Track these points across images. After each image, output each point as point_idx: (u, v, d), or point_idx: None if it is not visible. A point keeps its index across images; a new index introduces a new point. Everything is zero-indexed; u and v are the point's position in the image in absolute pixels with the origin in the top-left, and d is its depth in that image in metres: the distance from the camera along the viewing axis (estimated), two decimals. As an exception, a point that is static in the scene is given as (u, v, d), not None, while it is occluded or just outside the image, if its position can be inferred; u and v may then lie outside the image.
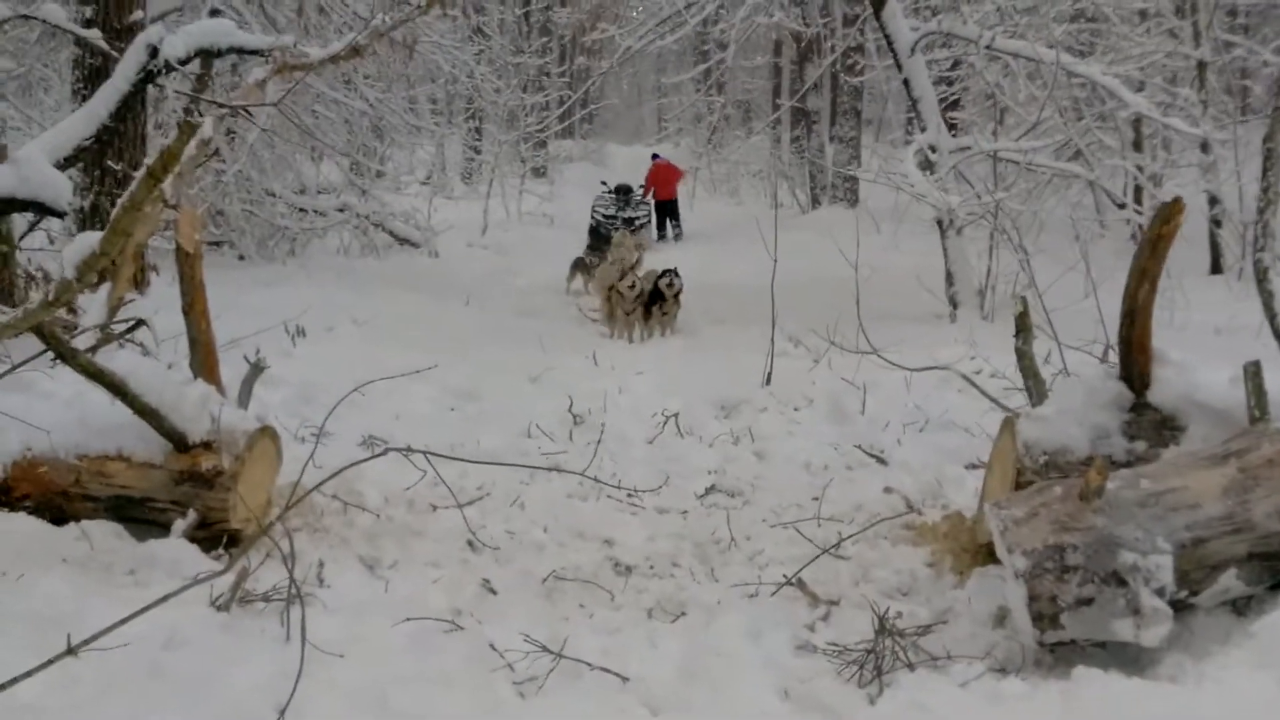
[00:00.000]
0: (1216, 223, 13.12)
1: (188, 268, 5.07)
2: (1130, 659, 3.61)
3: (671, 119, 33.03)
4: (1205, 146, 11.98)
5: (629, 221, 18.43)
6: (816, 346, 8.71)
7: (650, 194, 19.95)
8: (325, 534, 5.14)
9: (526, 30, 24.07)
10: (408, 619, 4.02)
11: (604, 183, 19.68)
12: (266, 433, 5.13)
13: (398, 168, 22.73)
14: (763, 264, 16.56)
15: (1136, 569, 3.44)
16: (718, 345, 9.92)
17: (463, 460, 5.33)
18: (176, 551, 4.59)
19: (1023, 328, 5.05)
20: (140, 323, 5.67)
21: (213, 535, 4.82)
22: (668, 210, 20.27)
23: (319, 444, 6.64)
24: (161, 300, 9.40)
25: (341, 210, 15.98)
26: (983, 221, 10.49)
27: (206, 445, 4.87)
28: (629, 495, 5.85)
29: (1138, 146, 14.03)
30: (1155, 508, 3.54)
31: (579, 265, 14.74)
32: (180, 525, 4.73)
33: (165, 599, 3.71)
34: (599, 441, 6.82)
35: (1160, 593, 3.44)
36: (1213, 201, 12.82)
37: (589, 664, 3.77)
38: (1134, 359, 4.10)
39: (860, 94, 19.34)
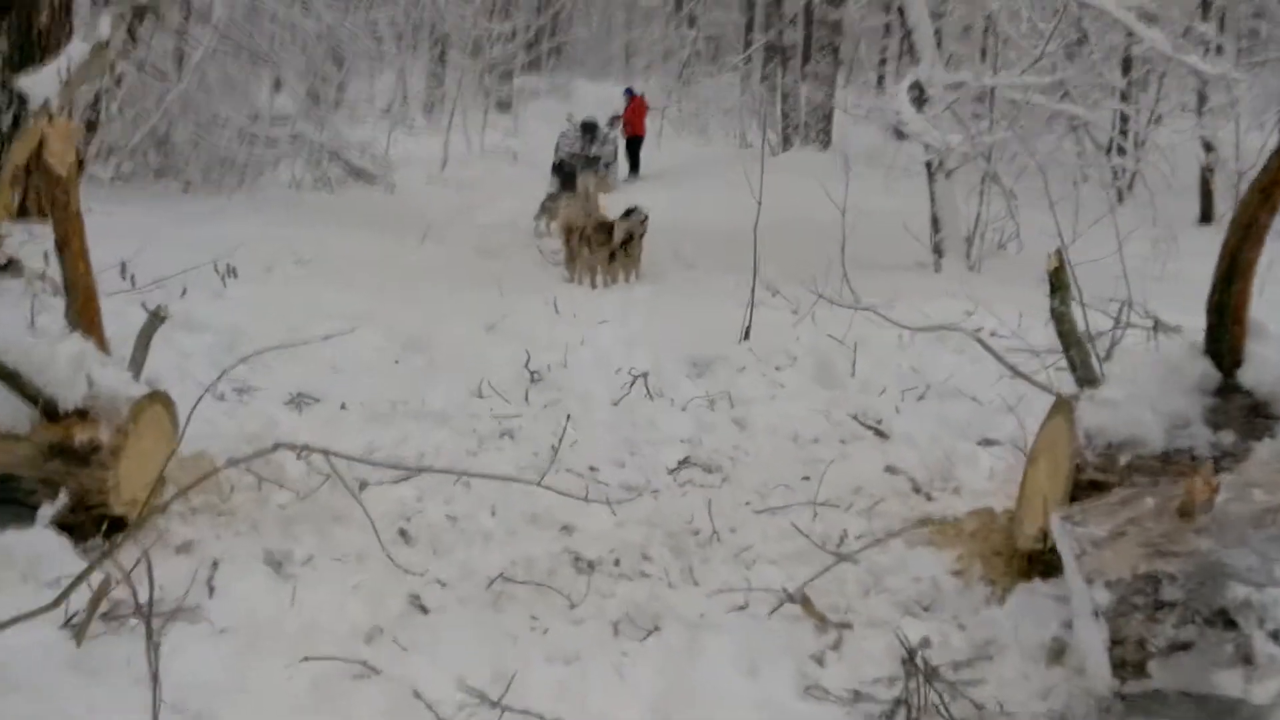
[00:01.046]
0: (1209, 170, 12.30)
1: (60, 193, 4.08)
2: (1225, 712, 2.79)
3: (641, 54, 31.74)
4: (1202, 94, 11.12)
5: (594, 160, 17.35)
6: (797, 297, 7.83)
7: (621, 129, 18.88)
8: (231, 519, 4.20)
9: None
10: (306, 659, 3.10)
11: (569, 116, 18.55)
12: (157, 399, 4.17)
13: (356, 96, 21.56)
14: (732, 206, 15.59)
15: (1249, 606, 2.61)
16: (688, 293, 9.01)
17: (373, 464, 4.37)
18: (39, 544, 3.66)
19: (1059, 285, 4.18)
20: (10, 263, 4.64)
21: (91, 520, 3.90)
22: (637, 146, 19.20)
23: (240, 401, 5.77)
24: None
25: (295, 139, 14.81)
26: (973, 164, 9.60)
27: (82, 414, 3.92)
28: (591, 470, 4.97)
29: (1126, 90, 13.20)
30: (1274, 527, 2.70)
31: (547, 205, 13.74)
32: (47, 510, 3.80)
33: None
34: (557, 403, 5.97)
35: (1277, 637, 2.61)
36: (1208, 148, 12.00)
37: (540, 718, 2.89)
38: (1227, 331, 3.24)
39: (839, 29, 18.30)
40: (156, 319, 4.65)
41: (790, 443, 5.28)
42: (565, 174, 16.76)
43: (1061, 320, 4.07)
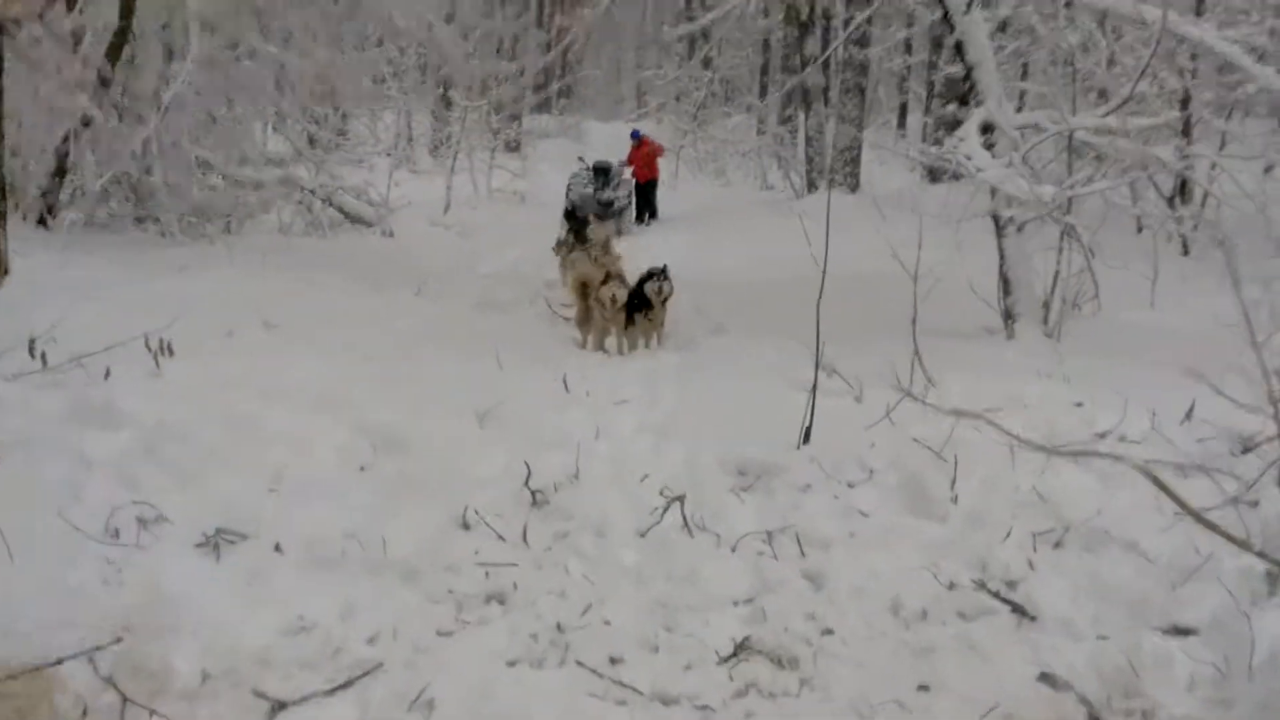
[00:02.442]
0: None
1: None
2: None
3: (654, 93, 30.32)
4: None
5: (608, 204, 15.87)
6: (858, 378, 6.27)
7: (631, 173, 17.38)
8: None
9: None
10: None
11: (581, 158, 17.08)
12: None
13: (358, 138, 20.14)
14: (757, 254, 14.11)
15: None
16: (721, 364, 7.42)
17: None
18: None
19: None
20: None
21: None
22: (649, 191, 17.70)
23: (137, 546, 4.20)
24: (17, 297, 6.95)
25: (284, 182, 13.30)
26: (1049, 218, 8.05)
27: None
28: (612, 663, 3.40)
29: (1185, 131, 11.68)
30: None
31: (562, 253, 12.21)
32: None
33: None
34: (565, 537, 4.41)
35: None
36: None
37: None
38: None
39: (865, 70, 16.80)
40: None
41: (889, 617, 3.69)
42: (578, 220, 15.27)
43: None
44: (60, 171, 11.09)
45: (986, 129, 8.03)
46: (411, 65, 18.66)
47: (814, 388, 5.42)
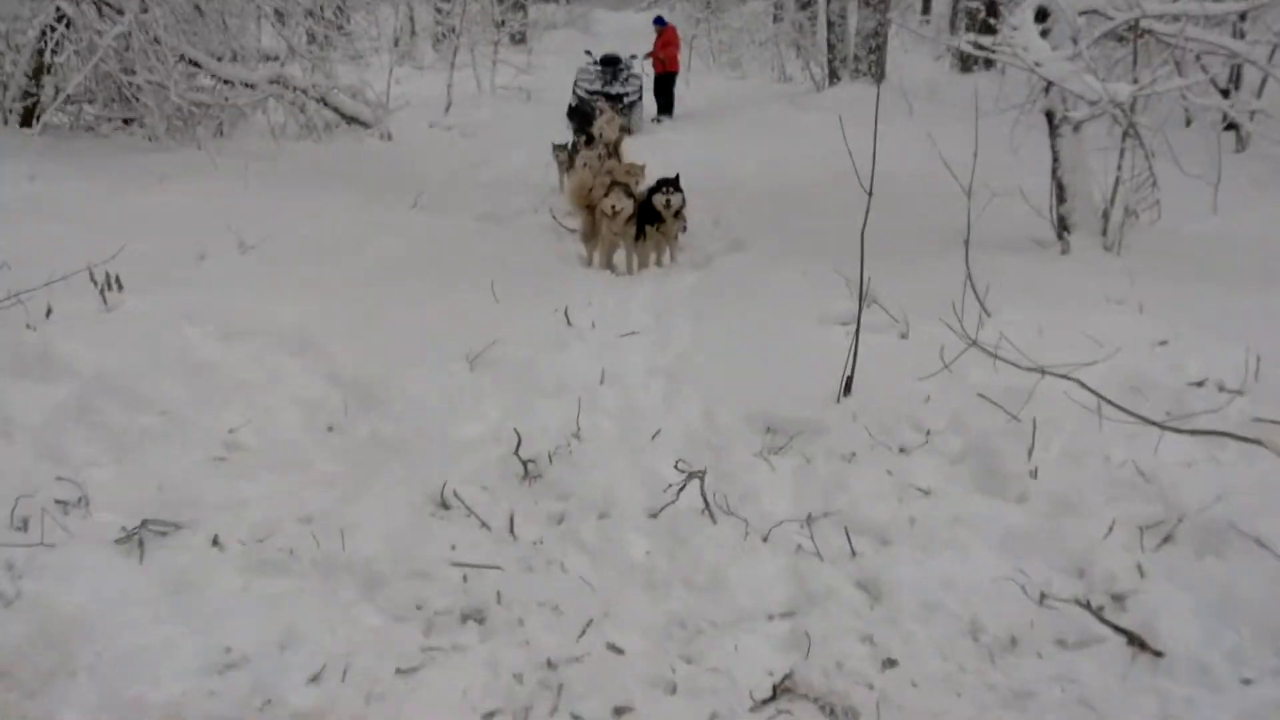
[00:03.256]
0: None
1: None
2: None
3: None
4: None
5: (617, 98, 14.72)
6: (903, 310, 5.41)
7: (646, 64, 16.13)
8: None
9: None
10: None
11: (588, 52, 15.87)
12: None
13: (359, 32, 18.90)
14: (779, 153, 13.03)
15: None
16: (741, 290, 6.53)
17: None
18: None
19: None
20: None
21: None
22: (669, 84, 16.47)
23: (43, 547, 3.39)
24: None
25: (276, 83, 12.21)
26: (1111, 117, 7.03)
27: None
28: (617, 715, 2.64)
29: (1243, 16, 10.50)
30: None
31: (563, 157, 11.22)
32: None
33: None
34: (561, 521, 3.62)
35: None
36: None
37: None
38: None
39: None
40: None
41: (969, 644, 2.88)
42: (583, 116, 14.20)
43: None
44: (38, 71, 10.17)
45: (1041, 15, 6.97)
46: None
47: (857, 328, 4.50)
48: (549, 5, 26.07)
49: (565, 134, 12.71)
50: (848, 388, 4.37)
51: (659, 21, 16.91)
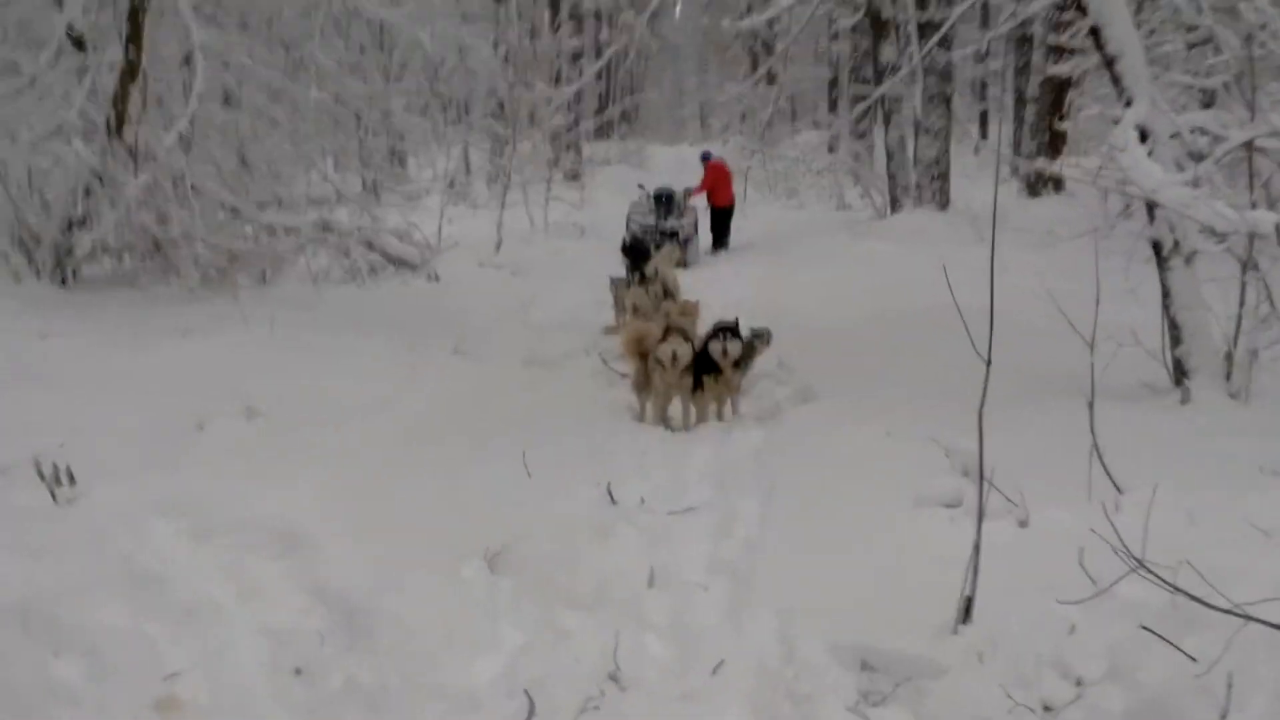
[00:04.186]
0: None
1: None
2: None
3: (717, 114, 28.33)
4: None
5: (672, 234, 13.99)
6: (1010, 477, 4.34)
7: (700, 198, 15.43)
8: None
9: (551, 16, 19.33)
10: None
11: (641, 185, 15.22)
12: None
13: (411, 177, 18.57)
14: (842, 285, 12.05)
15: None
16: (815, 451, 5.51)
17: None
18: None
19: None
20: None
21: None
22: (725, 218, 15.75)
23: None
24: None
25: (321, 228, 11.54)
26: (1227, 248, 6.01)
27: None
28: None
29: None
30: None
31: (620, 291, 10.40)
32: None
33: None
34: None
35: None
36: None
37: None
38: None
39: (950, 77, 14.69)
40: None
41: None
42: (638, 253, 13.43)
43: None
44: (70, 224, 9.63)
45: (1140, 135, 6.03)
46: (457, 96, 16.98)
47: (977, 538, 3.41)
48: (602, 142, 25.80)
49: (620, 270, 11.93)
50: (967, 611, 3.29)
51: (705, 156, 16.29)
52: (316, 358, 7.55)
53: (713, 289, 11.27)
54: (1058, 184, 14.62)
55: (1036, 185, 14.60)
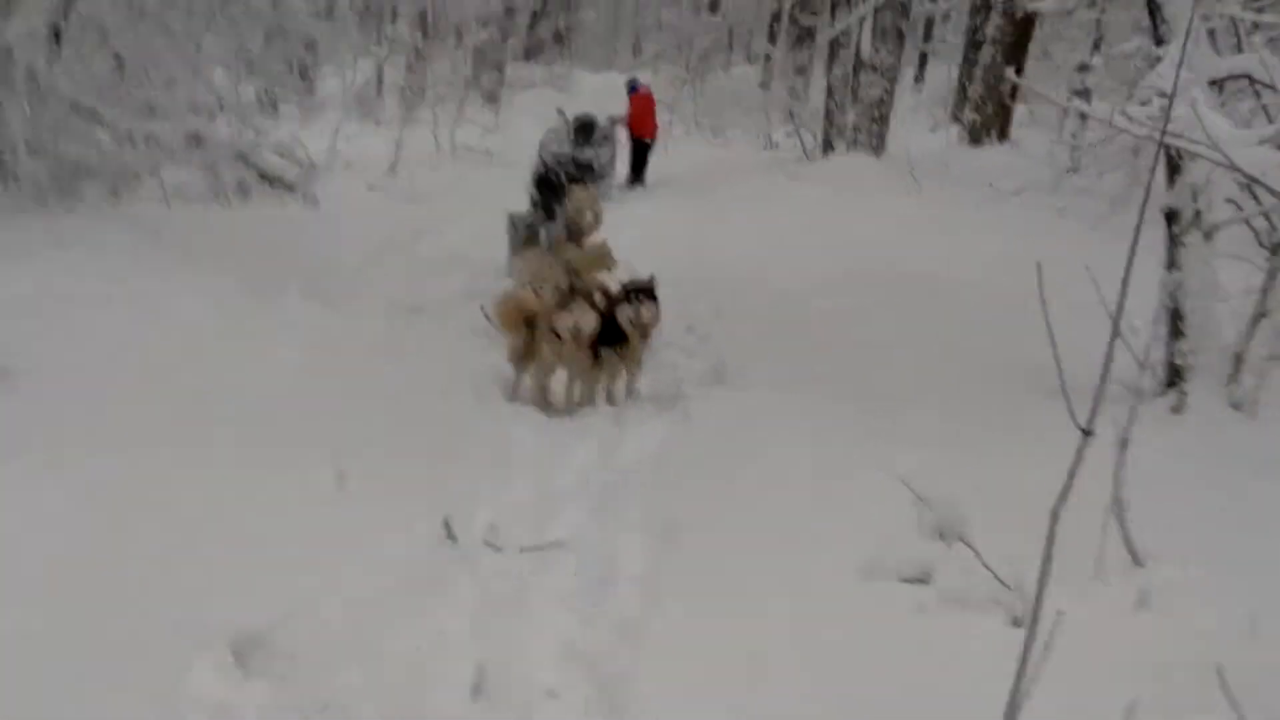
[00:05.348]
0: None
1: None
2: None
3: (652, 41, 26.44)
4: None
5: (586, 165, 12.37)
6: (988, 535, 3.05)
7: (624, 130, 13.84)
8: None
9: None
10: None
11: (560, 111, 13.54)
12: None
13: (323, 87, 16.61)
14: (769, 234, 10.62)
15: None
16: (728, 461, 4.14)
17: None
18: None
19: None
20: None
21: None
22: (645, 151, 14.28)
23: None
24: None
25: (191, 140, 9.66)
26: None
27: None
28: None
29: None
30: None
31: (517, 234, 8.85)
32: None
33: None
34: None
35: None
36: None
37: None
38: None
39: (907, 10, 13.17)
40: None
41: None
42: (550, 186, 11.82)
43: None
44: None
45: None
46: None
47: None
48: (527, 65, 23.77)
49: (526, 202, 10.35)
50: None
51: (632, 85, 14.67)
52: (125, 299, 5.93)
53: (626, 232, 9.78)
54: (1002, 132, 13.33)
55: (979, 132, 13.29)
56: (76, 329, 5.18)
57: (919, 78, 21.60)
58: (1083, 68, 12.02)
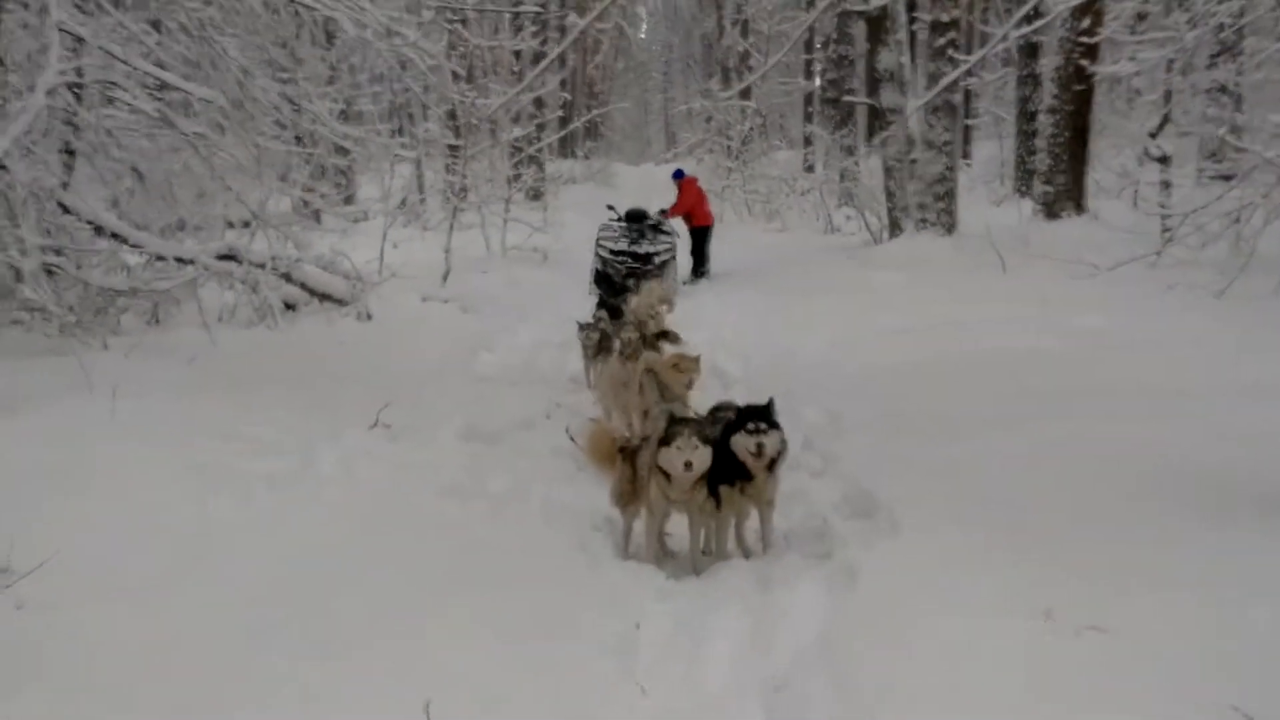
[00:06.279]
0: None
1: None
2: None
3: (686, 131, 25.79)
4: None
5: (646, 259, 11.52)
6: None
7: (673, 218, 12.98)
8: None
9: (512, 18, 16.56)
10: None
11: (611, 207, 12.73)
12: None
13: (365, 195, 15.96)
14: (853, 324, 9.42)
15: None
16: (925, 670, 3.05)
17: None
18: None
19: None
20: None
21: None
22: (704, 239, 13.40)
23: None
24: None
25: (231, 258, 8.81)
26: None
27: None
28: None
29: None
30: None
31: (590, 340, 7.87)
32: None
33: None
34: None
35: None
36: None
37: None
38: None
39: (957, 84, 12.33)
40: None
41: None
42: (612, 283, 10.95)
43: None
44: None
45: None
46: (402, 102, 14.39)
47: None
48: (566, 161, 23.17)
49: (588, 305, 9.41)
50: None
51: (678, 174, 13.84)
52: (155, 451, 5.00)
53: (697, 329, 8.83)
54: (1078, 204, 12.32)
55: (1054, 205, 12.29)
56: (95, 504, 4.24)
57: (965, 154, 20.74)
58: (1155, 134, 11.08)
